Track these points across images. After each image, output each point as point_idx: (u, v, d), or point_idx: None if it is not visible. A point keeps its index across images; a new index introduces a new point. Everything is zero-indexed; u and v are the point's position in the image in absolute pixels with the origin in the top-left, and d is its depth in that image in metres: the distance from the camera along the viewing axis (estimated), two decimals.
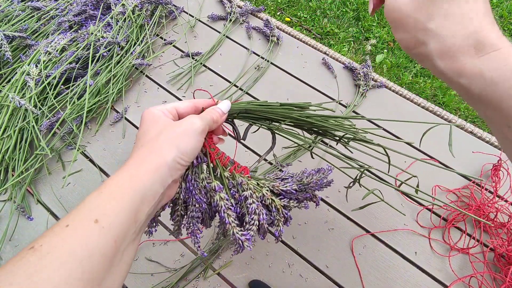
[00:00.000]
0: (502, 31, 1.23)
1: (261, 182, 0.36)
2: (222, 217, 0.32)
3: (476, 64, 0.22)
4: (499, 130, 0.23)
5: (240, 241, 0.31)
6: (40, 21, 0.77)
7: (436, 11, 0.23)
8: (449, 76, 0.23)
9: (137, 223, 0.23)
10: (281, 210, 0.35)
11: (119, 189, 0.23)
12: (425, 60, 0.24)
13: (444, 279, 0.52)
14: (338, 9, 1.60)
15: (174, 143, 0.26)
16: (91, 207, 0.22)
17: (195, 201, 0.32)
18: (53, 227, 0.20)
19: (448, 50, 0.23)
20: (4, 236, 0.56)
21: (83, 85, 0.66)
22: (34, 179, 0.62)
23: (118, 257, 0.22)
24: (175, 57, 0.77)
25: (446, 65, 0.23)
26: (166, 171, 0.25)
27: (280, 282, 0.53)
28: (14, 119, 0.63)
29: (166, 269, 0.54)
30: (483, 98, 0.22)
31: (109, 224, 0.21)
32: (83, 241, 0.20)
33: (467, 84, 0.22)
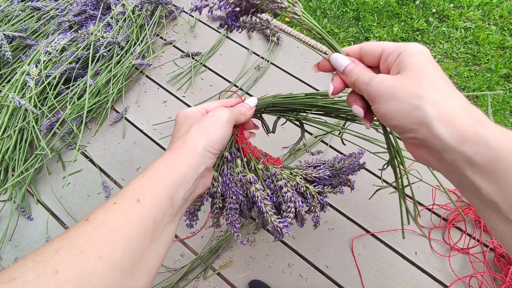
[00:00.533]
0: (502, 30, 1.21)
1: (294, 171, 0.37)
2: (259, 206, 0.33)
3: (481, 130, 0.20)
4: (503, 213, 0.20)
5: (278, 228, 0.32)
6: (40, 21, 0.77)
7: (426, 84, 0.22)
8: (451, 145, 0.20)
9: (173, 206, 0.26)
10: (316, 197, 0.36)
11: (158, 175, 0.26)
12: (422, 128, 0.22)
13: (444, 279, 0.52)
14: (338, 9, 1.60)
15: (203, 134, 0.30)
16: (134, 189, 0.25)
17: (231, 194, 0.33)
18: (103, 204, 0.24)
19: (447, 114, 0.21)
20: (4, 236, 0.56)
21: (83, 85, 0.66)
22: (34, 179, 0.62)
23: (158, 235, 0.25)
24: (175, 57, 0.77)
25: (447, 130, 0.21)
26: (198, 159, 0.28)
27: (280, 282, 0.53)
28: (14, 119, 0.63)
29: (166, 269, 0.54)
30: (488, 171, 0.19)
31: (149, 204, 0.24)
32: (128, 216, 0.23)
33: (472, 154, 0.20)
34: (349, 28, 1.55)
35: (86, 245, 0.20)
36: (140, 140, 0.67)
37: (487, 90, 1.36)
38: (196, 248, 0.56)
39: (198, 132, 0.30)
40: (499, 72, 1.39)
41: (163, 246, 0.26)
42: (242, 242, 0.34)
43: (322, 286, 0.53)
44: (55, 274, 0.18)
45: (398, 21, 1.56)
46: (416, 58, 0.23)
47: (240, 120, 0.34)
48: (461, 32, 1.51)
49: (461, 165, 0.21)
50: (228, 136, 0.31)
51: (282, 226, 0.32)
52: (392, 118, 0.23)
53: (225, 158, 0.35)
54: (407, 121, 0.22)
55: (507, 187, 0.19)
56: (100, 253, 0.20)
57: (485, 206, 0.21)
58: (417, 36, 1.51)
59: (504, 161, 0.19)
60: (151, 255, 0.24)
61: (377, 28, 1.54)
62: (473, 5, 1.57)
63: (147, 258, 0.24)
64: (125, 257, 0.22)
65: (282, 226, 0.32)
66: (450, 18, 1.54)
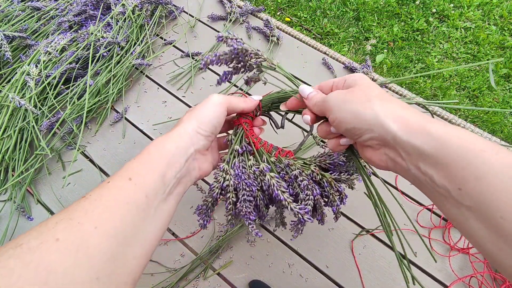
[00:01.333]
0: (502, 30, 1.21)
1: (307, 160, 0.36)
2: (276, 194, 0.32)
3: (427, 125, 0.23)
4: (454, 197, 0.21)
5: (299, 215, 0.31)
6: (40, 21, 0.77)
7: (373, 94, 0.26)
8: (403, 138, 0.23)
9: (165, 184, 0.28)
10: (333, 184, 0.34)
11: (149, 156, 0.29)
12: (375, 127, 0.24)
13: (444, 279, 0.52)
14: (338, 9, 1.60)
15: (194, 116, 0.31)
16: (127, 169, 0.27)
17: (245, 185, 0.33)
18: (99, 184, 0.26)
19: (396, 113, 0.24)
20: (4, 236, 0.56)
21: (83, 85, 0.66)
22: (34, 179, 0.62)
23: (151, 212, 0.26)
24: (175, 57, 0.77)
25: (397, 126, 0.24)
26: (186, 140, 0.30)
27: (280, 282, 0.53)
28: (14, 119, 0.63)
29: (166, 269, 0.54)
30: (437, 160, 0.22)
31: (140, 182, 0.26)
32: (121, 193, 0.25)
33: (420, 144, 0.22)
34: (349, 28, 1.55)
35: (83, 217, 0.22)
36: (140, 140, 0.67)
37: (487, 90, 1.36)
38: (196, 248, 0.56)
39: (190, 115, 0.32)
40: (499, 72, 1.39)
41: (159, 225, 0.27)
42: (258, 234, 0.33)
43: (322, 286, 0.53)
44: (56, 241, 0.20)
45: (398, 21, 1.56)
46: (360, 79, 0.28)
47: (239, 108, 0.35)
48: (461, 32, 1.51)
49: (413, 158, 0.23)
50: (219, 118, 0.32)
51: (303, 213, 0.31)
52: (348, 122, 0.26)
53: (235, 151, 0.35)
54: (361, 122, 0.25)
55: (453, 171, 0.21)
56: (95, 223, 0.22)
57: (439, 195, 0.22)
58: (417, 36, 1.51)
59: (449, 149, 0.21)
60: (146, 232, 0.26)
61: (377, 28, 1.54)
62: (473, 5, 1.57)
63: (141, 233, 0.25)
64: (118, 227, 0.23)
65: (303, 212, 0.31)
66: (450, 18, 1.54)
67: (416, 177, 0.24)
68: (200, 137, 0.31)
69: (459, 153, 0.21)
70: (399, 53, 1.47)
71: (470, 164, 0.20)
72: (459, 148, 0.21)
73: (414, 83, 1.39)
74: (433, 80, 1.39)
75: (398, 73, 1.42)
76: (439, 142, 0.22)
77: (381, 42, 1.50)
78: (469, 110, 1.32)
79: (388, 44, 1.51)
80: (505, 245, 0.18)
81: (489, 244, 0.19)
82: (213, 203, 0.36)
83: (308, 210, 0.32)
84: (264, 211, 0.37)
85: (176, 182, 0.29)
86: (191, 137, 0.31)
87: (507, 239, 0.18)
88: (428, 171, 0.22)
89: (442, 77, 1.40)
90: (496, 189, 0.19)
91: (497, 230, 0.18)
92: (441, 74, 1.41)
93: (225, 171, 0.34)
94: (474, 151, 0.20)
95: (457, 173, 0.20)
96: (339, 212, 0.37)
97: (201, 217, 0.36)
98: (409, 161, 0.24)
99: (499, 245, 0.19)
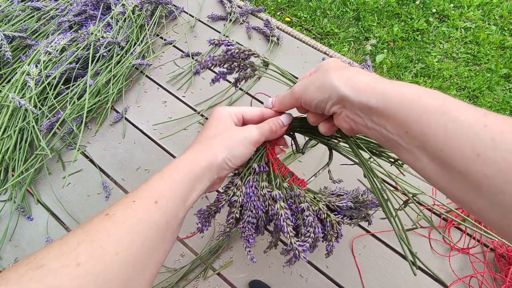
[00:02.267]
0: (502, 30, 1.22)
1: (318, 196, 0.36)
2: (281, 226, 0.32)
3: (374, 85, 0.25)
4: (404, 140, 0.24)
5: (297, 251, 0.31)
6: (40, 21, 0.77)
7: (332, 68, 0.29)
8: (352, 98, 0.26)
9: (185, 208, 0.28)
10: (336, 226, 0.35)
11: (177, 176, 0.28)
12: (333, 93, 0.27)
13: (444, 279, 0.52)
14: (338, 9, 1.60)
15: (227, 147, 0.30)
16: (153, 189, 0.26)
17: (252, 207, 0.33)
18: (123, 200, 0.25)
19: (347, 77, 0.27)
20: (4, 236, 0.56)
21: (83, 85, 0.66)
22: (34, 179, 0.62)
23: (168, 236, 0.26)
24: (175, 57, 0.77)
25: (347, 88, 0.26)
26: (215, 169, 0.30)
27: (280, 282, 0.53)
28: (14, 119, 0.63)
29: (166, 269, 0.54)
30: (382, 111, 0.24)
31: (164, 206, 0.26)
32: (145, 216, 0.24)
33: (366, 100, 0.25)
34: (349, 28, 1.55)
35: (106, 241, 0.22)
36: (140, 140, 0.67)
37: (487, 90, 1.36)
38: (196, 248, 0.56)
39: (222, 143, 0.31)
40: (499, 72, 1.39)
41: (170, 244, 0.28)
42: (253, 260, 0.33)
43: (322, 286, 0.53)
44: (77, 266, 0.20)
45: (398, 21, 1.56)
46: (326, 61, 0.31)
47: (270, 138, 0.34)
48: (461, 32, 1.51)
49: (366, 113, 0.26)
50: (250, 155, 0.32)
51: (301, 250, 0.31)
52: (314, 98, 0.29)
53: (252, 169, 0.34)
54: (322, 93, 0.28)
55: (399, 118, 0.23)
56: (117, 249, 0.22)
57: (395, 143, 0.25)
58: (417, 36, 1.51)
59: (391, 99, 0.24)
60: (160, 254, 0.26)
61: (377, 28, 1.54)
62: (473, 5, 1.57)
63: (156, 256, 0.25)
64: (138, 255, 0.23)
65: (301, 249, 0.31)
66: (450, 18, 1.54)
67: (375, 130, 0.26)
68: (227, 167, 0.31)
69: (400, 102, 0.23)
70: (399, 53, 1.47)
71: (411, 110, 0.23)
72: (400, 98, 0.24)
73: (414, 83, 1.39)
74: (433, 80, 1.39)
75: (398, 73, 1.42)
76: (383, 96, 0.24)
77: (381, 42, 1.50)
78: None
79: (388, 44, 1.51)
80: (447, 174, 0.21)
81: (436, 176, 0.22)
82: (215, 211, 0.36)
83: (306, 248, 0.32)
84: (262, 229, 0.37)
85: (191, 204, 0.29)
86: (218, 167, 0.30)
87: (447, 168, 0.21)
88: (380, 121, 0.25)
89: (442, 77, 1.40)
90: (431, 126, 0.22)
91: (440, 162, 0.22)
92: (441, 74, 1.41)
93: (237, 186, 0.33)
94: (412, 98, 0.23)
95: (401, 119, 0.23)
96: (331, 251, 0.37)
97: (201, 221, 0.36)
98: (364, 117, 0.26)
99: (443, 175, 0.22)
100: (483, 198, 0.20)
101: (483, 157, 0.19)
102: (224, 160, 0.30)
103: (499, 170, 0.18)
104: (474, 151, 0.19)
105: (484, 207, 0.20)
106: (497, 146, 0.19)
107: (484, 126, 0.20)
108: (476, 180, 0.20)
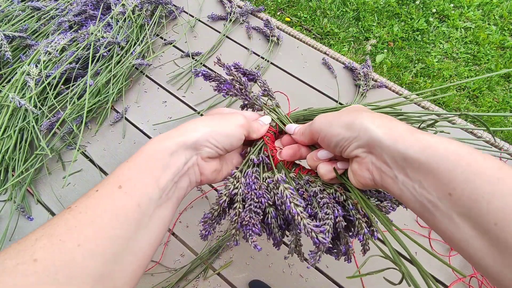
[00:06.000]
0: (502, 30, 1.22)
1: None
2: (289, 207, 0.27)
3: (412, 131, 0.23)
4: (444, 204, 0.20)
5: (314, 233, 0.26)
6: (40, 21, 0.77)
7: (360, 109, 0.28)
8: (388, 143, 0.23)
9: (161, 189, 0.25)
10: (360, 207, 0.30)
11: (143, 157, 0.26)
12: (362, 133, 0.25)
13: (444, 279, 0.52)
14: (338, 9, 1.60)
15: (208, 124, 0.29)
16: (117, 174, 0.25)
17: (254, 195, 0.30)
18: (87, 192, 0.24)
19: (382, 121, 0.24)
20: (4, 236, 0.56)
21: (83, 85, 0.66)
22: (34, 179, 0.62)
23: (145, 221, 0.24)
24: (175, 57, 0.77)
25: (382, 131, 0.23)
26: (191, 143, 0.28)
27: (280, 282, 0.53)
28: (14, 119, 0.63)
29: (166, 269, 0.54)
30: (421, 163, 0.21)
31: (131, 190, 0.24)
32: (109, 203, 0.23)
33: (405, 149, 0.22)
34: (349, 28, 1.55)
35: (66, 234, 0.20)
36: (140, 140, 0.67)
37: (487, 90, 1.36)
38: (196, 248, 0.56)
39: (202, 121, 0.29)
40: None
41: (154, 233, 0.25)
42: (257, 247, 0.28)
43: (322, 286, 0.53)
44: (33, 262, 0.18)
45: (398, 21, 1.56)
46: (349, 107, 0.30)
47: (253, 136, 0.33)
48: (461, 32, 1.51)
49: (399, 163, 0.22)
50: (237, 139, 0.31)
51: (317, 231, 0.26)
52: (337, 135, 0.26)
53: (251, 161, 0.33)
54: (349, 131, 0.25)
55: (442, 175, 0.20)
56: (79, 241, 0.20)
57: (428, 204, 0.21)
58: (417, 36, 1.51)
59: (435, 152, 0.20)
60: (139, 243, 0.23)
61: (377, 28, 1.54)
62: (473, 5, 1.57)
63: (133, 246, 0.23)
64: (106, 245, 0.21)
65: (318, 230, 0.26)
66: (450, 18, 1.54)
67: (406, 186, 0.22)
68: (208, 144, 0.28)
69: (446, 157, 0.20)
70: (399, 53, 1.47)
71: (459, 167, 0.19)
72: (446, 151, 0.20)
73: (414, 83, 1.39)
74: (433, 80, 1.39)
75: (398, 73, 1.42)
76: (425, 146, 0.21)
77: (381, 42, 1.50)
78: (469, 110, 1.32)
79: (388, 44, 1.51)
80: (499, 254, 0.17)
81: (481, 253, 0.18)
82: (219, 214, 0.33)
83: (324, 229, 0.27)
84: (277, 234, 0.32)
85: (173, 185, 0.27)
86: (198, 141, 0.28)
87: (499, 247, 0.17)
88: (416, 176, 0.21)
89: (442, 77, 1.40)
90: (484, 192, 0.18)
91: (490, 238, 0.17)
92: (441, 74, 1.41)
93: (236, 178, 0.32)
94: (461, 154, 0.20)
95: (446, 177, 0.19)
96: (367, 244, 0.31)
97: (205, 228, 0.33)
98: (396, 168, 0.23)
99: (493, 254, 0.17)
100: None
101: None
102: (203, 136, 0.28)
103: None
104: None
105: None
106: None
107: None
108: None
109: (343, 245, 0.31)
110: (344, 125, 0.26)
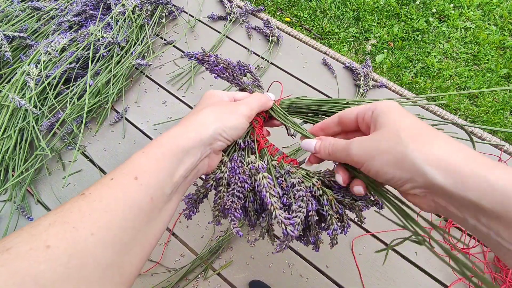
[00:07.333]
0: (502, 30, 1.21)
1: (311, 173, 0.33)
2: (264, 196, 0.29)
3: (478, 170, 0.19)
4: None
5: (283, 224, 0.27)
6: (40, 21, 0.77)
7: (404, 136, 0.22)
8: (453, 191, 0.19)
9: (172, 183, 0.25)
10: (334, 204, 0.30)
11: (160, 150, 0.26)
12: (417, 176, 0.21)
13: (444, 279, 0.52)
14: (338, 9, 1.60)
15: (218, 118, 0.29)
16: (133, 165, 0.24)
17: (237, 180, 0.31)
18: (100, 179, 0.23)
19: (435, 156, 0.20)
20: (4, 236, 0.56)
21: (83, 85, 0.66)
22: (34, 179, 0.62)
23: (155, 214, 0.24)
24: (175, 57, 0.77)
25: (441, 175, 0.20)
26: (206, 139, 0.28)
27: (280, 282, 0.53)
28: (14, 119, 0.63)
29: (166, 269, 0.54)
30: (499, 215, 0.18)
31: (146, 182, 0.23)
32: (123, 194, 0.22)
33: (477, 199, 0.18)
34: (349, 28, 1.55)
35: (79, 221, 0.20)
36: (140, 140, 0.67)
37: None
38: (196, 248, 0.56)
39: (213, 113, 0.29)
40: (499, 72, 1.39)
41: (160, 225, 0.25)
42: (239, 233, 0.30)
43: (322, 286, 0.53)
44: (46, 248, 0.18)
45: (398, 21, 1.56)
46: (388, 116, 0.24)
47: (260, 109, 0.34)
48: (461, 32, 1.51)
49: (470, 211, 0.19)
50: (243, 129, 0.31)
51: (287, 223, 0.27)
52: (386, 172, 0.23)
53: (237, 145, 0.34)
54: (400, 171, 0.22)
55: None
56: (92, 230, 0.20)
57: (506, 250, 0.19)
58: (417, 36, 1.51)
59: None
60: (147, 235, 0.24)
61: (377, 28, 1.54)
62: (473, 5, 1.57)
63: (143, 237, 0.23)
64: (118, 235, 0.21)
65: (287, 223, 0.27)
66: (450, 18, 1.54)
67: (476, 228, 0.20)
68: (221, 138, 0.29)
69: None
70: (399, 53, 1.47)
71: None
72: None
73: (414, 83, 1.39)
74: (433, 80, 1.39)
75: (398, 73, 1.42)
76: (502, 197, 0.18)
77: (381, 42, 1.50)
78: (469, 110, 1.32)
79: (388, 44, 1.51)
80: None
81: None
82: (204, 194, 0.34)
83: (294, 222, 0.28)
84: (253, 217, 0.34)
85: (183, 180, 0.27)
86: (210, 138, 0.28)
87: None
88: (492, 225, 0.19)
89: (442, 77, 1.40)
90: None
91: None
92: (441, 74, 1.41)
93: (223, 163, 0.33)
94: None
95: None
96: (335, 238, 0.32)
97: (188, 207, 0.34)
98: (466, 213, 0.20)
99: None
100: None
101: None
102: (216, 130, 0.28)
103: None
104: None
105: None
106: None
107: None
108: None
109: (312, 236, 0.33)
110: (392, 164, 0.22)
